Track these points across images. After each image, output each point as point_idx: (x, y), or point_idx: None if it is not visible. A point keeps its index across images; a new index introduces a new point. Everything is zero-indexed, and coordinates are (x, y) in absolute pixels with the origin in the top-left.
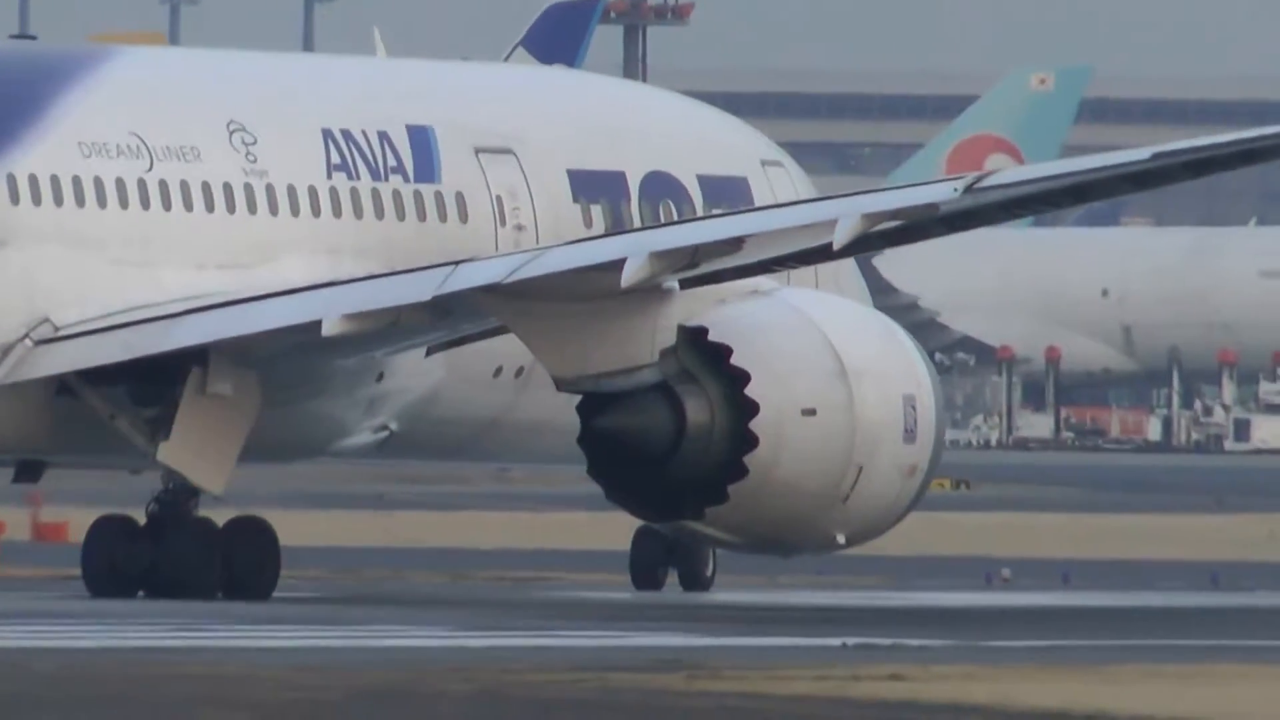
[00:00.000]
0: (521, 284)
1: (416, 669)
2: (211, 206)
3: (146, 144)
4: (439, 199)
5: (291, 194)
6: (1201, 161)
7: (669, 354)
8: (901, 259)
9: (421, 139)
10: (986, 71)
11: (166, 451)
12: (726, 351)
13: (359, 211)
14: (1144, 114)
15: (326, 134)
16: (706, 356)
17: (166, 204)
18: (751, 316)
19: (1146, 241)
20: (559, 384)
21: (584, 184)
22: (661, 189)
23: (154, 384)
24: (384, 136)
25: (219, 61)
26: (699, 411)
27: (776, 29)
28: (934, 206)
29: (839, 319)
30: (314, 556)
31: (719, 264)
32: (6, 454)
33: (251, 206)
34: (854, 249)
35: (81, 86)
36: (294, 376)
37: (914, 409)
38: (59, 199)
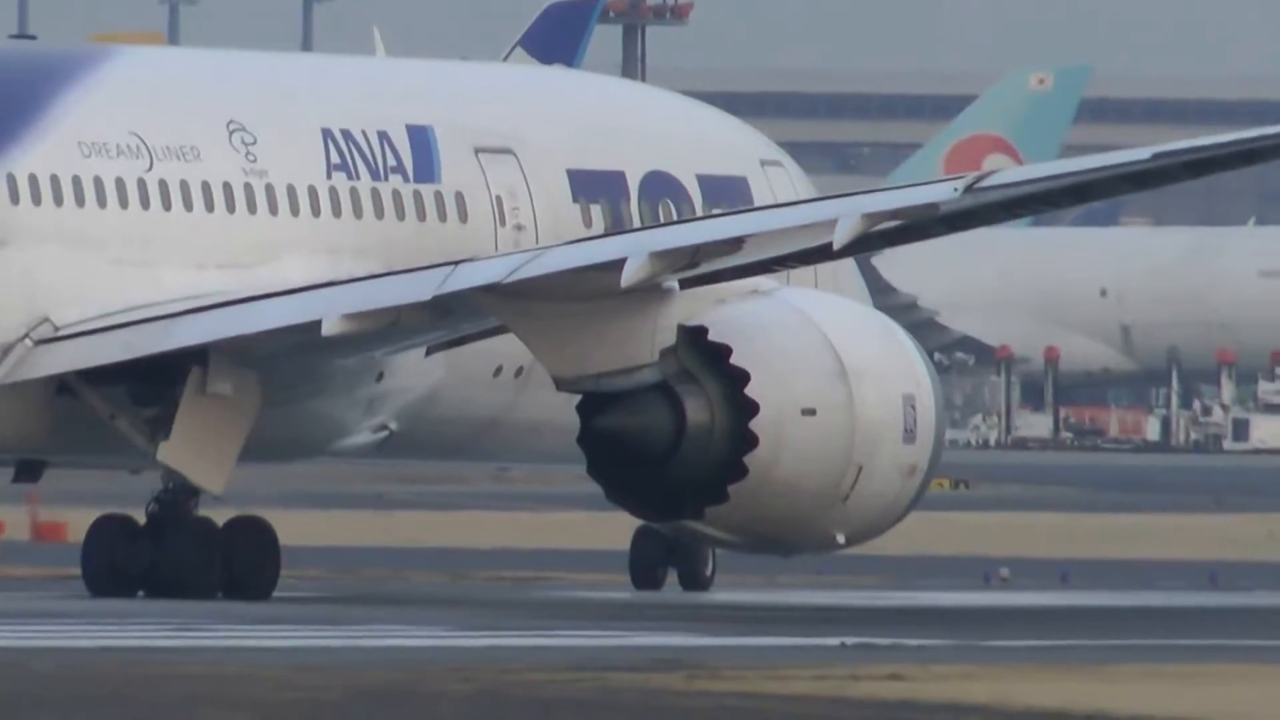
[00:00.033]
0: (521, 284)
1: (416, 669)
2: (211, 206)
3: (146, 144)
4: (439, 199)
5: (291, 194)
6: (1201, 161)
7: (669, 354)
8: (901, 259)
9: (421, 139)
10: (985, 71)
11: (166, 451)
12: (726, 351)
13: (359, 211)
14: (1144, 114)
15: (326, 134)
16: (706, 356)
17: (166, 204)
18: (751, 316)
19: (1145, 241)
20: (559, 384)
21: (584, 184)
22: (661, 189)
23: (154, 384)
24: (384, 136)
25: (219, 61)
26: (699, 411)
27: (775, 29)
28: (934, 206)
29: (839, 319)
30: (314, 556)
31: (719, 264)
32: (6, 454)
33: (251, 206)
34: (854, 249)
35: (81, 86)
36: (294, 376)
37: (914, 409)
38: (59, 199)
